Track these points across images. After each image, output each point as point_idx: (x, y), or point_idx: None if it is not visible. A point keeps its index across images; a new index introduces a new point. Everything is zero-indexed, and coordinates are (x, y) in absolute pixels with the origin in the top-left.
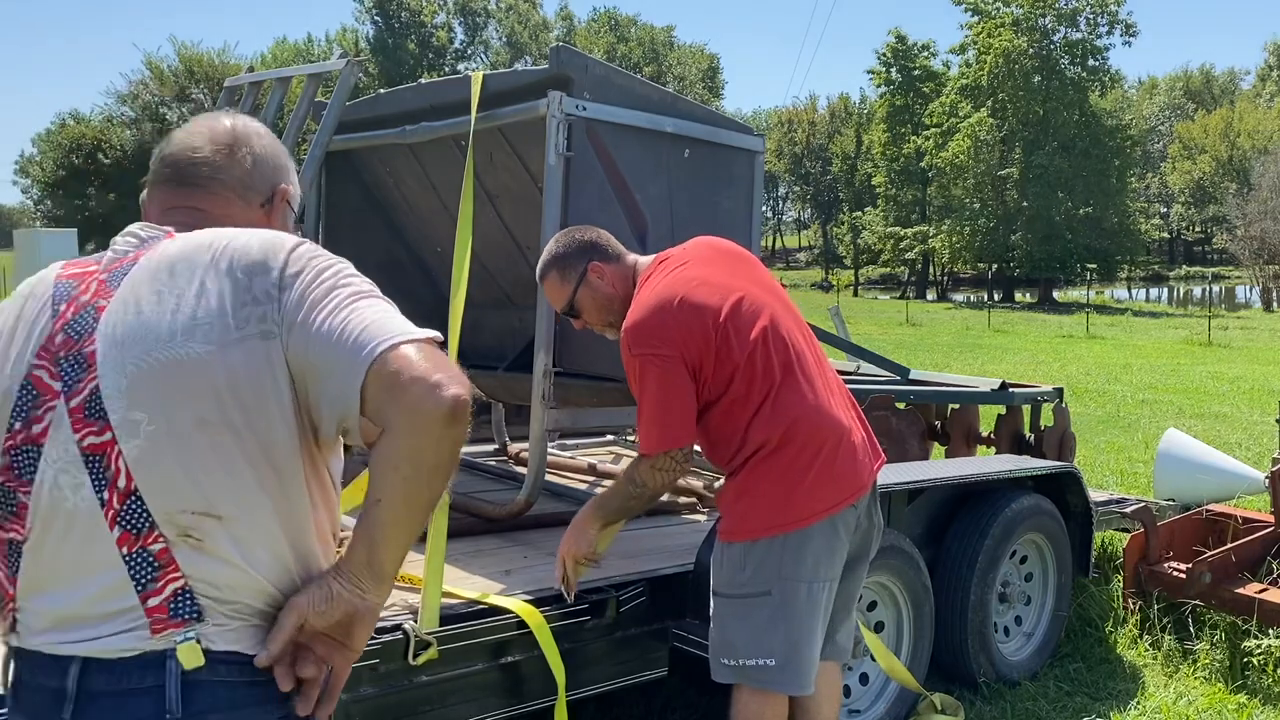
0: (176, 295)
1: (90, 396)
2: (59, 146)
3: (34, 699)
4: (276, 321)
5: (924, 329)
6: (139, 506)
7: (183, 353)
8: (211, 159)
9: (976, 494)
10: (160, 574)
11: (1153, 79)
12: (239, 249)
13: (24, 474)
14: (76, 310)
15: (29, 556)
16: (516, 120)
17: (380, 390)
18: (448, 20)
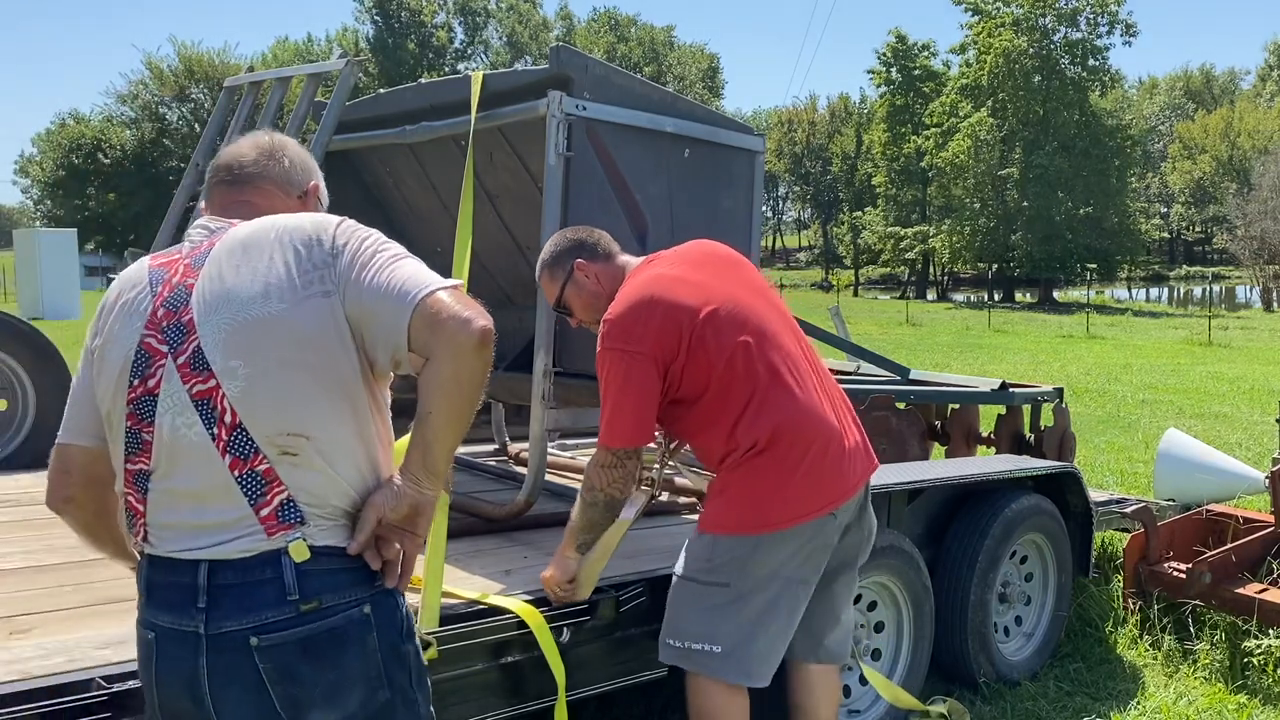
0: (251, 267)
1: (194, 354)
2: (59, 146)
3: (168, 594)
4: (334, 282)
5: (924, 329)
6: (244, 436)
7: (263, 312)
8: (258, 161)
9: (976, 494)
10: (268, 489)
11: (1153, 79)
12: (294, 227)
13: (145, 418)
14: (170, 290)
15: (156, 483)
16: (516, 120)
17: (423, 328)
18: (448, 20)
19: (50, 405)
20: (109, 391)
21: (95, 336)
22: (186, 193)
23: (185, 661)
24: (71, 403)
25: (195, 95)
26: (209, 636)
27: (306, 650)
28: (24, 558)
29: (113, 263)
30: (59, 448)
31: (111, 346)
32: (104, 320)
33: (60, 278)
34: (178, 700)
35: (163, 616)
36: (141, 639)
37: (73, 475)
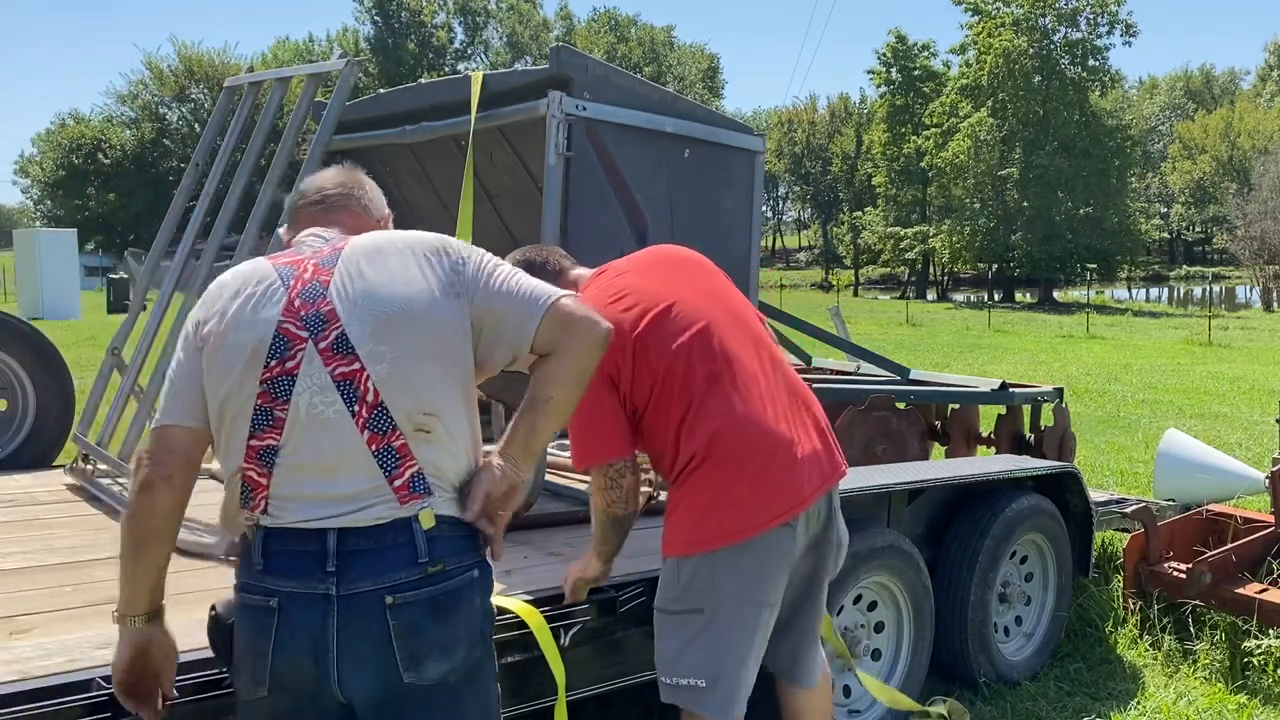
0: (389, 269)
1: (337, 339)
2: (59, 146)
3: (291, 562)
4: (463, 287)
5: (924, 329)
6: (384, 414)
7: (406, 307)
8: (342, 189)
9: (976, 494)
10: (401, 462)
11: (1153, 79)
12: (417, 239)
13: (280, 397)
14: (304, 284)
15: (285, 456)
16: (516, 120)
17: (555, 327)
18: (448, 20)
19: (50, 405)
20: (233, 372)
21: (206, 324)
22: (186, 193)
23: (312, 623)
24: (175, 387)
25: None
26: (341, 598)
27: (432, 609)
28: (24, 558)
29: (113, 263)
30: (162, 429)
31: (238, 331)
32: (220, 308)
33: (60, 278)
34: (297, 662)
35: (286, 582)
36: (253, 608)
37: (175, 455)
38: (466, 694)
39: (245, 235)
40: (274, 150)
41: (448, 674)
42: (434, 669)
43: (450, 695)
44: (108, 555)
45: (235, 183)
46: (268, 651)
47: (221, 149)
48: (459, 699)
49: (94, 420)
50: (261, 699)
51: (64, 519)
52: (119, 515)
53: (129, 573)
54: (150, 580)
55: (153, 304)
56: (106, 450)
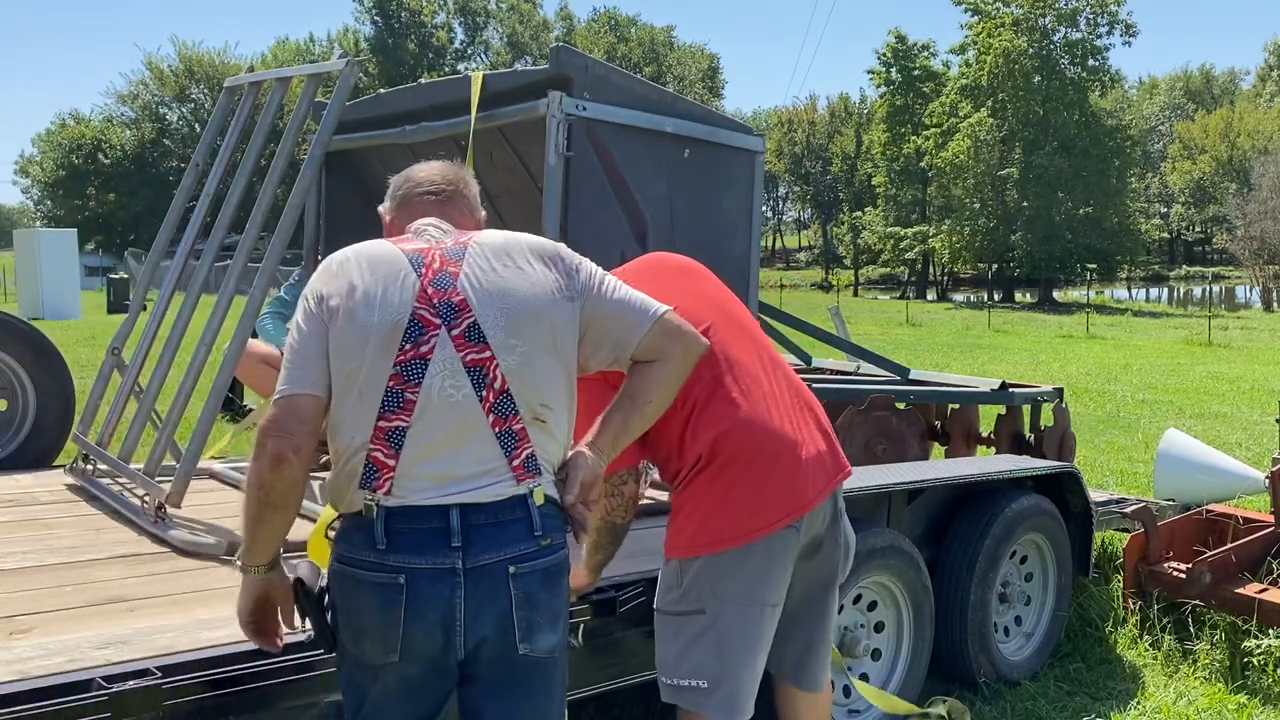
0: (517, 268)
1: (469, 328)
2: (59, 146)
3: (416, 538)
4: (576, 291)
5: (924, 329)
6: (508, 400)
7: (533, 304)
8: (457, 185)
9: (976, 494)
10: (519, 444)
11: (1153, 79)
12: (537, 243)
13: (413, 379)
14: (434, 274)
15: (413, 437)
16: (516, 120)
17: (663, 337)
18: (448, 20)
19: (50, 405)
20: (364, 350)
21: (331, 298)
22: (186, 193)
23: (442, 596)
24: (298, 356)
25: (195, 95)
26: (467, 570)
27: (545, 579)
28: (24, 558)
29: (113, 263)
30: (288, 399)
31: (371, 310)
32: (348, 284)
33: (60, 278)
34: (428, 635)
35: (414, 559)
36: (379, 585)
37: (304, 424)
38: (559, 669)
39: (245, 235)
40: (274, 150)
41: (555, 646)
42: (544, 640)
43: (555, 667)
44: (108, 555)
45: (235, 183)
46: (399, 624)
47: (221, 149)
48: (561, 670)
49: (94, 420)
50: (391, 664)
51: (64, 519)
52: (119, 515)
53: (255, 533)
54: (275, 539)
55: (153, 304)
56: (106, 450)
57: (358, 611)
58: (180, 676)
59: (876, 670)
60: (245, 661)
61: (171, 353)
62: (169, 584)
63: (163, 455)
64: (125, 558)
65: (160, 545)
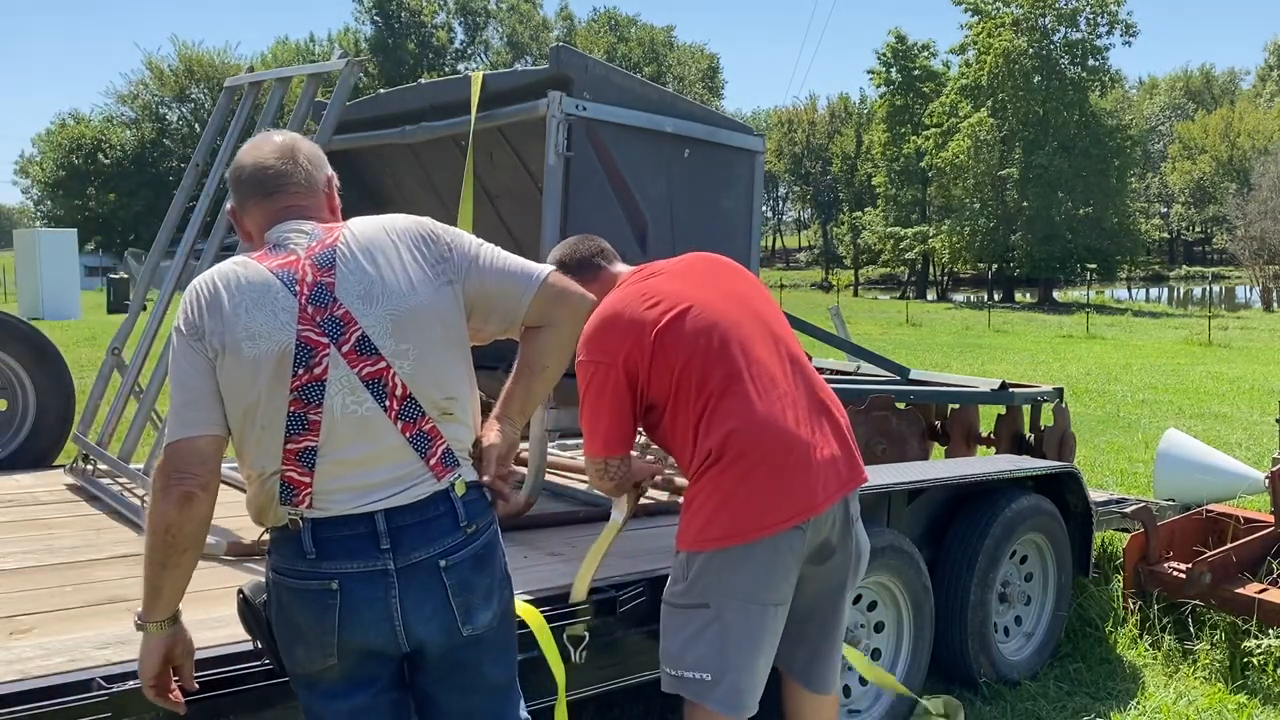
0: (389, 264)
1: (359, 341)
2: (59, 146)
3: (345, 544)
4: (455, 272)
5: (924, 329)
6: (413, 404)
7: (415, 301)
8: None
9: (976, 494)
10: (433, 443)
11: (1153, 79)
12: (402, 229)
13: (313, 401)
14: (310, 289)
15: (324, 455)
16: (516, 120)
17: (547, 301)
18: (448, 20)
19: (50, 405)
20: (257, 384)
21: (211, 333)
22: (186, 193)
23: (377, 598)
24: (191, 398)
25: (195, 95)
26: (400, 570)
27: (475, 564)
28: (24, 558)
29: (113, 263)
30: (188, 441)
31: (255, 342)
32: (223, 317)
33: (60, 278)
34: (363, 632)
35: (346, 564)
36: (312, 592)
37: (207, 464)
38: (506, 630)
39: None
40: None
41: (492, 619)
42: (483, 617)
43: (496, 635)
44: (108, 555)
45: None
46: (334, 628)
47: (221, 149)
48: (503, 636)
49: (94, 420)
50: (330, 667)
51: (64, 519)
52: (119, 515)
53: (158, 581)
54: (179, 587)
55: (153, 304)
56: (106, 450)
57: (293, 620)
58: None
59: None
60: (245, 661)
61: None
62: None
63: None
64: (125, 558)
65: None
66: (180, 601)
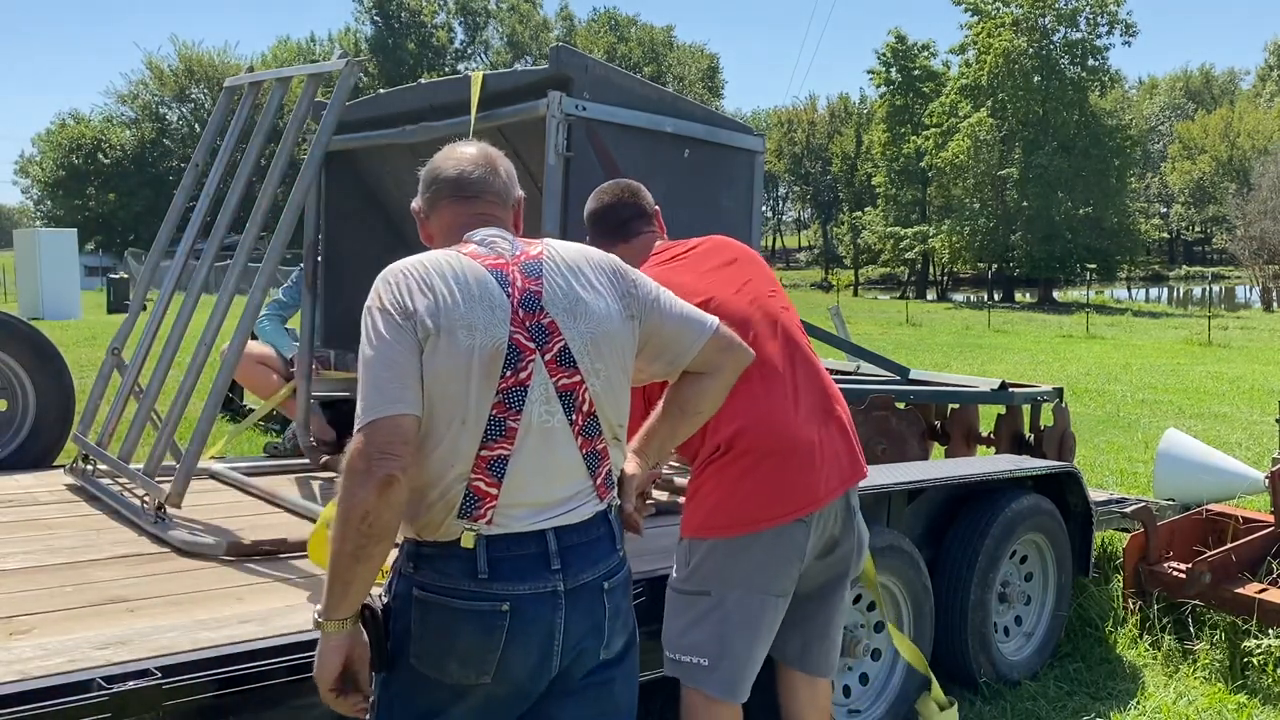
0: (591, 287)
1: (560, 352)
2: (59, 146)
3: (518, 564)
4: (637, 309)
5: (924, 329)
6: (594, 423)
7: (610, 326)
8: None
9: (976, 494)
10: (601, 463)
11: (1153, 79)
12: (602, 259)
13: (513, 407)
14: (520, 293)
15: (514, 466)
16: (516, 120)
17: (717, 350)
18: (448, 20)
19: (50, 405)
20: (468, 375)
21: (422, 314)
22: (186, 193)
23: (544, 619)
24: (394, 375)
25: (195, 95)
26: (569, 591)
27: (625, 589)
28: (24, 558)
29: (113, 263)
30: (393, 419)
31: (471, 331)
32: (437, 301)
33: (60, 278)
34: (526, 656)
35: (518, 585)
36: (479, 613)
37: (410, 446)
38: (635, 652)
39: (245, 235)
40: (274, 150)
41: (628, 640)
42: (619, 641)
43: (629, 658)
44: (108, 555)
45: (235, 183)
46: (498, 648)
47: (221, 149)
48: (634, 658)
49: (94, 420)
50: (483, 684)
51: (64, 519)
52: (119, 515)
53: (349, 575)
54: (371, 580)
55: (153, 304)
56: (106, 450)
57: (448, 637)
58: (180, 676)
59: (876, 669)
60: (245, 662)
61: (171, 353)
62: (169, 584)
63: (163, 455)
64: (125, 558)
65: (160, 545)
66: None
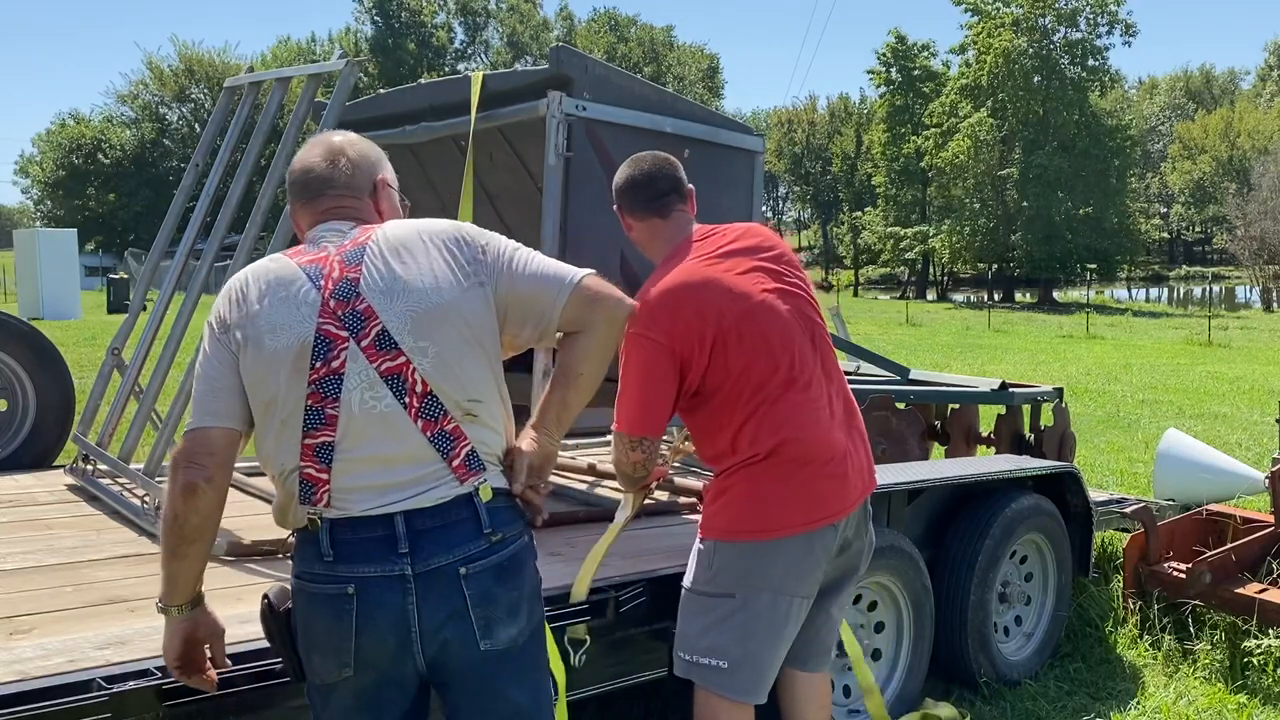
0: (416, 263)
1: (378, 336)
2: (59, 146)
3: (362, 547)
4: (487, 274)
5: (924, 329)
6: (434, 402)
7: (439, 300)
8: (330, 171)
9: (976, 494)
10: (456, 444)
11: (1153, 79)
12: (437, 230)
13: (330, 395)
14: (335, 283)
15: (341, 452)
16: (516, 120)
17: (581, 305)
18: (448, 20)
19: (50, 405)
20: (277, 377)
21: (237, 327)
22: (186, 193)
23: (393, 603)
24: (209, 389)
25: (195, 95)
26: (418, 575)
27: (498, 575)
28: (24, 558)
29: (113, 263)
30: (199, 431)
31: (276, 335)
32: (249, 310)
33: (60, 278)
34: (381, 641)
35: (363, 567)
36: (329, 596)
37: (216, 456)
38: (533, 650)
39: (245, 235)
40: (274, 150)
41: (516, 637)
42: (504, 633)
43: (521, 655)
44: (108, 555)
45: (235, 183)
46: (350, 634)
47: (221, 149)
48: (529, 656)
49: (94, 420)
50: (347, 679)
51: (64, 519)
52: (119, 515)
53: (171, 569)
54: (193, 574)
55: (153, 304)
56: (106, 450)
57: (311, 626)
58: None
59: (877, 670)
60: (245, 662)
61: (171, 353)
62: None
63: (163, 455)
64: (125, 558)
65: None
66: (198, 587)
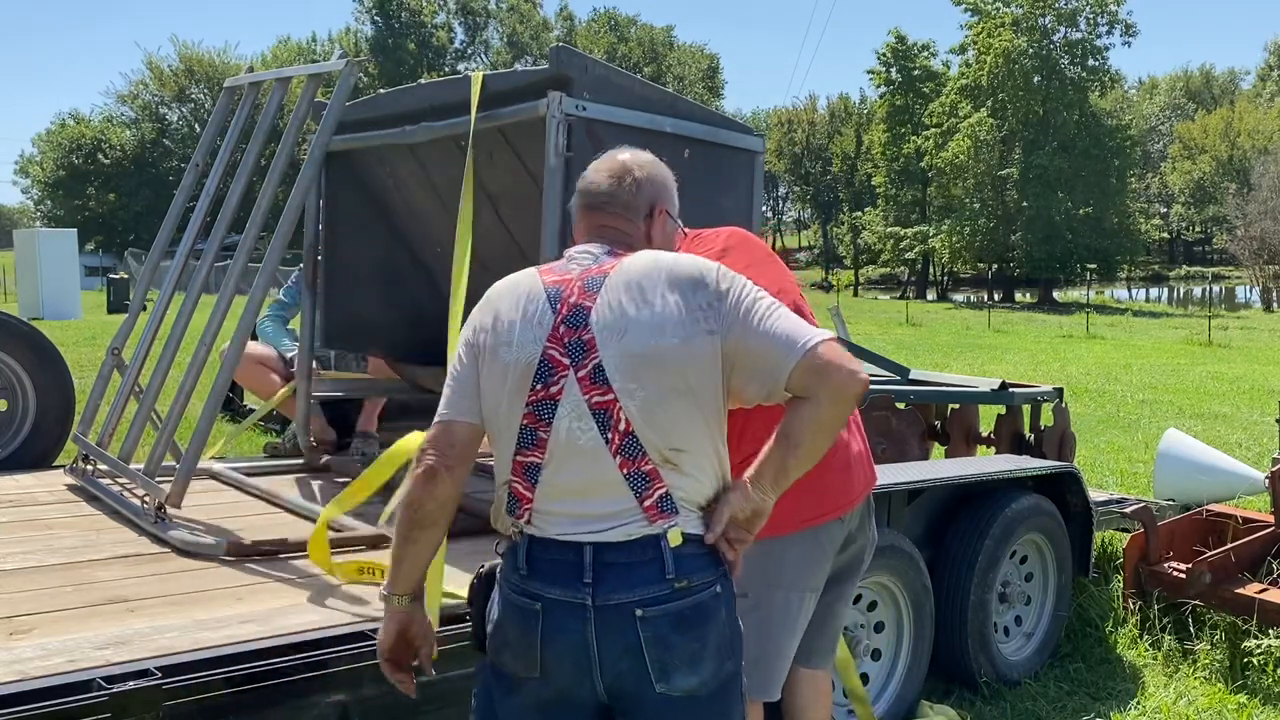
0: (648, 303)
1: (594, 370)
2: (59, 146)
3: (552, 569)
4: (718, 323)
5: (924, 329)
6: (634, 443)
7: (658, 344)
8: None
9: (976, 494)
10: (650, 485)
11: (1153, 79)
12: (680, 270)
13: (544, 419)
14: (569, 309)
15: (546, 475)
16: (516, 120)
17: (810, 374)
18: (448, 20)
19: (50, 405)
20: (504, 389)
21: (485, 333)
22: (186, 193)
23: (574, 629)
24: (457, 385)
25: (195, 95)
26: (597, 607)
27: (676, 622)
28: (24, 558)
29: (113, 263)
30: (446, 423)
31: (511, 350)
32: (498, 321)
33: (60, 278)
34: (560, 660)
35: (551, 589)
36: (520, 607)
37: (457, 448)
38: (719, 705)
39: (245, 235)
40: (274, 150)
41: (697, 687)
42: (682, 681)
43: (704, 708)
44: (108, 555)
45: (235, 183)
46: (536, 645)
47: (221, 149)
48: (714, 711)
49: (94, 420)
50: (534, 679)
51: (64, 519)
52: (119, 515)
53: (400, 555)
54: (420, 563)
55: (153, 304)
56: (106, 450)
57: (504, 626)
58: (180, 676)
59: (876, 670)
60: (245, 662)
61: (171, 353)
62: (169, 584)
63: (163, 455)
64: (125, 558)
65: (160, 545)
66: (421, 580)
